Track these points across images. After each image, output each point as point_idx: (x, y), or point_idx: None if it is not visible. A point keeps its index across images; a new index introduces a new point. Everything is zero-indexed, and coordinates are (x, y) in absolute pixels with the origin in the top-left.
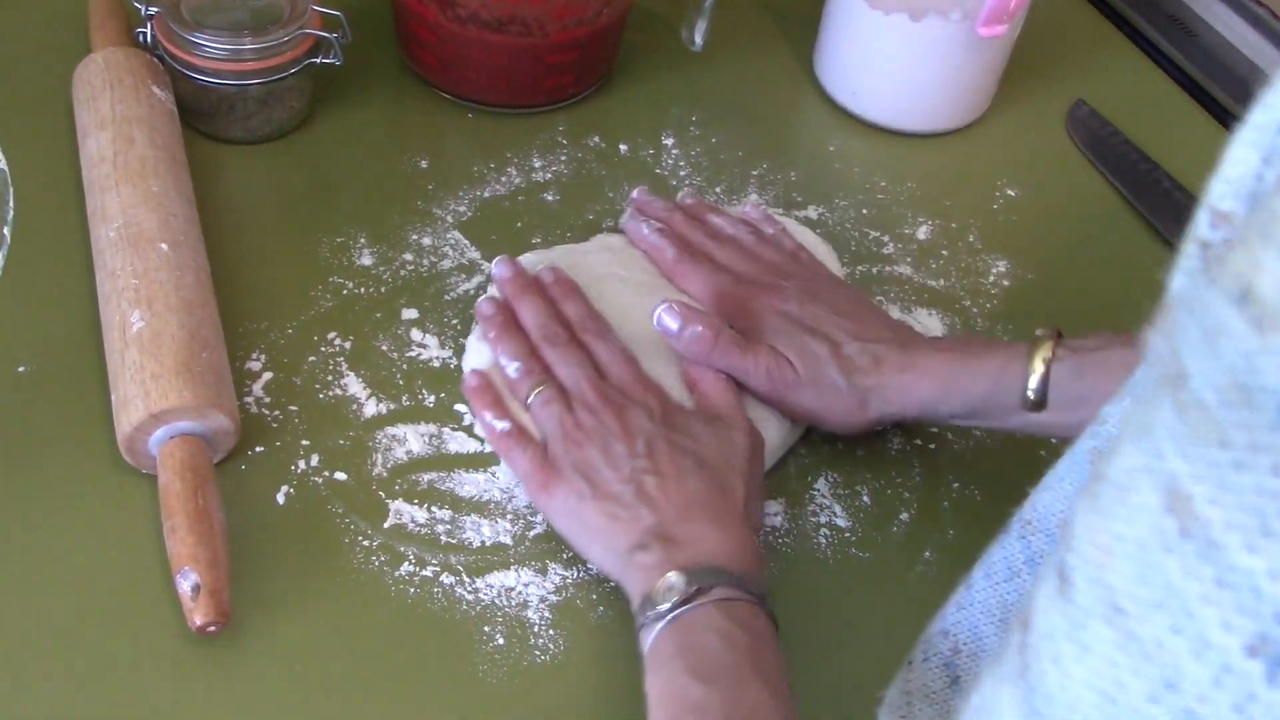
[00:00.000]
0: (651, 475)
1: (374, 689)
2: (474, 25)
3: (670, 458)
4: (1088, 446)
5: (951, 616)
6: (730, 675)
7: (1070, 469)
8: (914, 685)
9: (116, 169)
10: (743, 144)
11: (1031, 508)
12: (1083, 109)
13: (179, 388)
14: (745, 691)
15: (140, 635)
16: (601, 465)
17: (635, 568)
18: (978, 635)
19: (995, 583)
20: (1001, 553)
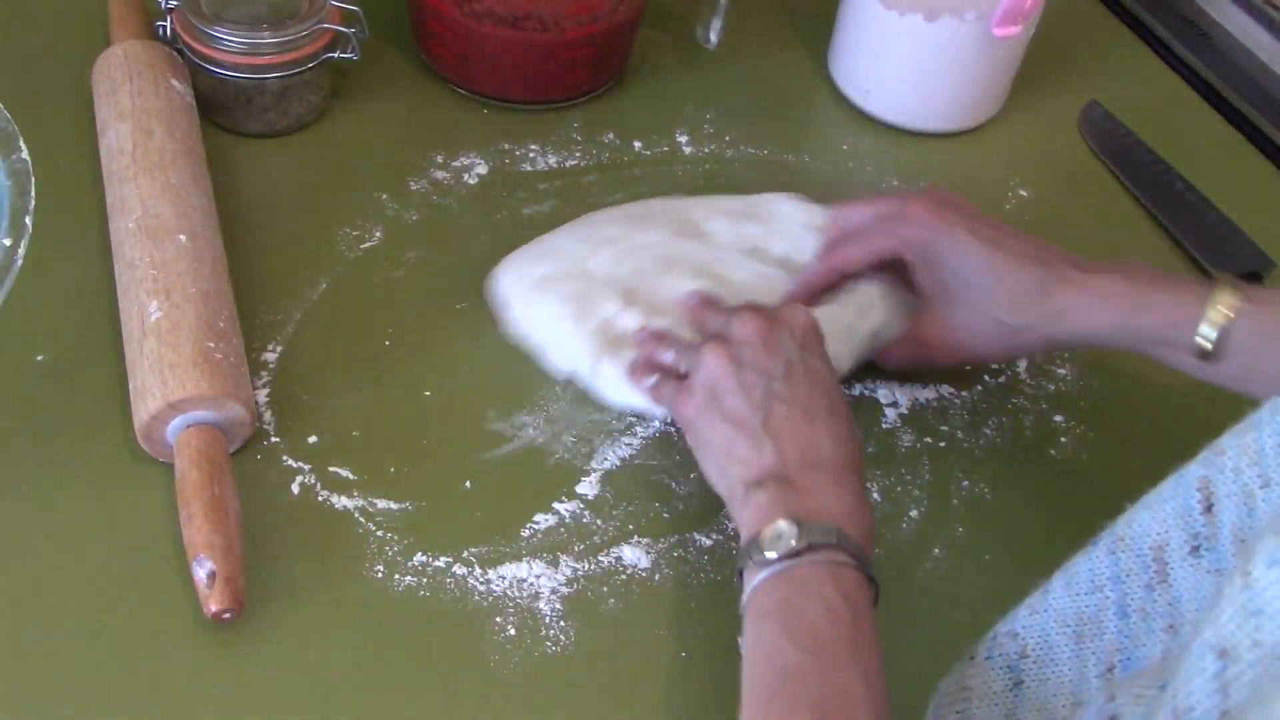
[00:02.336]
0: (784, 404)
1: (386, 677)
2: (490, 21)
3: (806, 389)
4: (1197, 474)
5: (1024, 619)
6: (828, 653)
7: (1175, 492)
8: (973, 681)
9: (136, 161)
10: (756, 142)
11: (1126, 524)
12: (1096, 110)
13: (196, 377)
14: (841, 675)
15: (156, 622)
16: (733, 383)
17: (749, 506)
18: (1048, 643)
19: (1075, 594)
20: (1087, 564)
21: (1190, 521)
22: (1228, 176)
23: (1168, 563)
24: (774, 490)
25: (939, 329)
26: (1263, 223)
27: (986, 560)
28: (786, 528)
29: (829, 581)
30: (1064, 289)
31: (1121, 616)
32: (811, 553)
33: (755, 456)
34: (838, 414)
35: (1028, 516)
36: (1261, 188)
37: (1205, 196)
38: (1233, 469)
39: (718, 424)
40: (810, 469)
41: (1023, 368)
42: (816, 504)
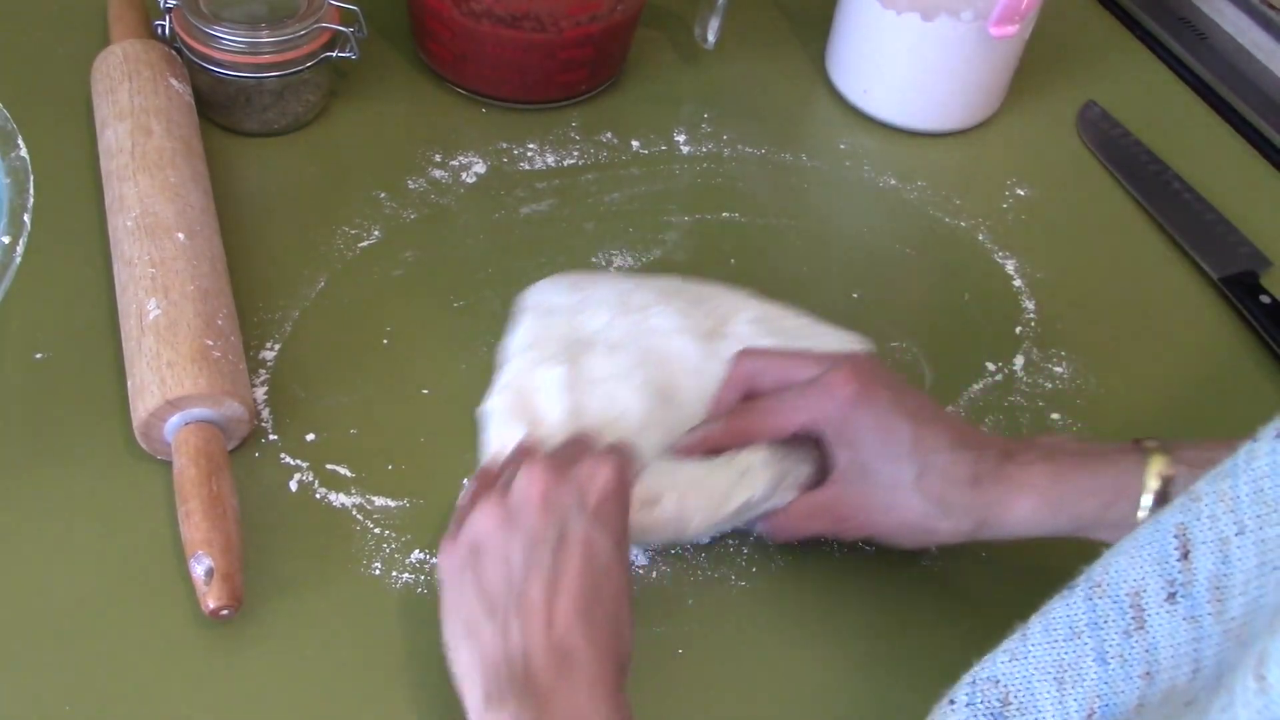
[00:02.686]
0: (543, 582)
1: (384, 674)
2: (488, 20)
3: (578, 566)
4: (1175, 520)
5: (1004, 666)
6: None
7: (1152, 539)
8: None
9: (134, 159)
10: (754, 141)
11: (1103, 569)
12: (1094, 110)
13: (194, 375)
14: None
15: (154, 618)
16: (498, 546)
17: (491, 712)
18: (1031, 691)
19: (1054, 640)
20: (1064, 610)
21: (1167, 568)
22: (1225, 176)
23: (1144, 609)
24: (514, 705)
25: (850, 508)
26: (1260, 222)
27: (983, 558)
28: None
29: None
30: (995, 481)
31: (1100, 663)
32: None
33: (499, 639)
34: (602, 599)
35: None
36: (1258, 187)
37: (1202, 196)
38: (1209, 515)
39: (469, 592)
40: (560, 668)
41: (1019, 366)
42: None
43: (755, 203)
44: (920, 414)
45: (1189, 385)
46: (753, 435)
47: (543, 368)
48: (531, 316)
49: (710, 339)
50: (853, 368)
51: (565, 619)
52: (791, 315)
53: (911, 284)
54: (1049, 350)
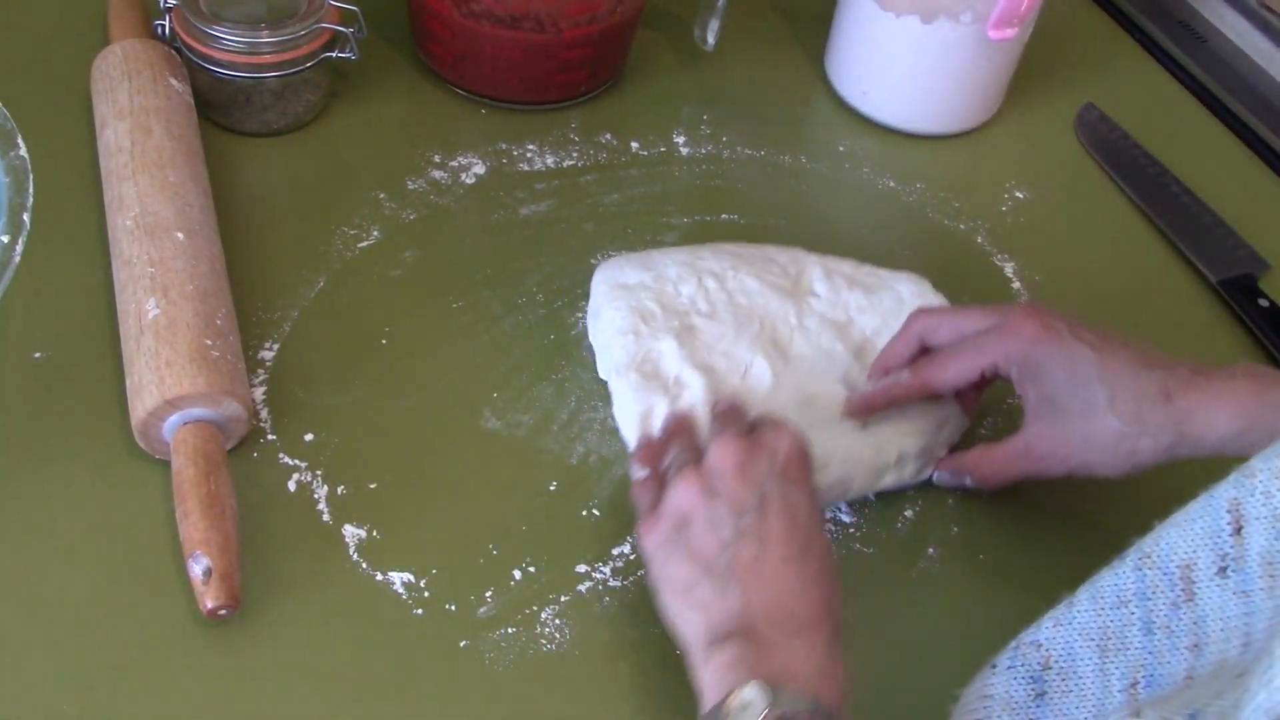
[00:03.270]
0: (753, 543)
1: (382, 674)
2: (488, 21)
3: (781, 526)
4: (1228, 495)
5: (1047, 631)
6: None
7: (1205, 512)
8: (995, 690)
9: (134, 159)
10: (753, 143)
11: (1154, 541)
12: (1092, 112)
13: (193, 374)
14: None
15: (152, 618)
16: (703, 515)
17: (711, 664)
18: (1073, 656)
19: (1101, 608)
20: (1113, 580)
21: (1219, 542)
22: (1223, 179)
23: (1195, 582)
24: (738, 647)
25: (1049, 443)
26: (1258, 225)
27: (981, 560)
28: (754, 696)
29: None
30: (1189, 392)
31: (1146, 633)
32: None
33: (718, 602)
34: (812, 556)
35: (1022, 515)
36: (1257, 190)
37: (1201, 199)
38: (1263, 492)
39: (681, 561)
40: (779, 621)
41: None
42: (785, 663)
43: (754, 204)
44: (1102, 343)
45: None
46: (939, 382)
47: (658, 341)
48: (617, 295)
49: (795, 295)
50: (1030, 308)
51: (778, 578)
52: (850, 264)
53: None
54: None
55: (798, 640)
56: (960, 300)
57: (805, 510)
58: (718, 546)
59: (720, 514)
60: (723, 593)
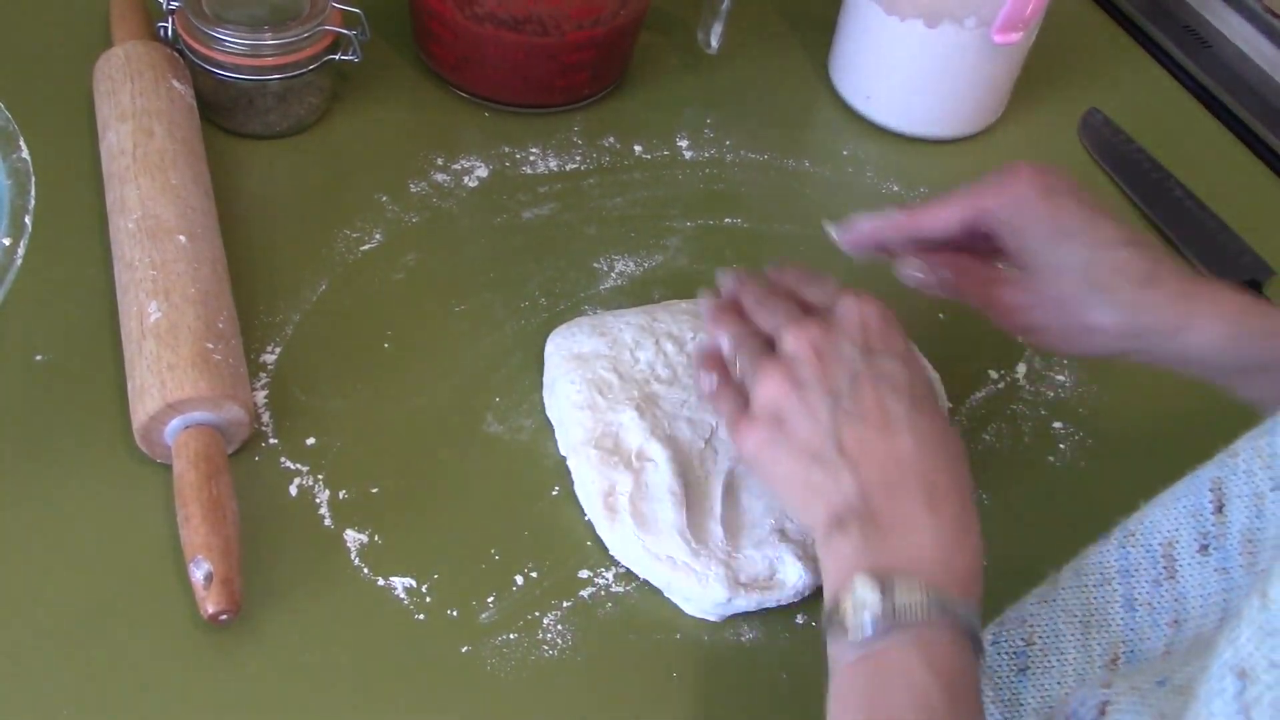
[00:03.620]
0: (855, 422)
1: (383, 680)
2: (491, 24)
3: (878, 397)
4: (1210, 475)
5: (1031, 607)
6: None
7: (1188, 491)
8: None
9: (136, 161)
10: (757, 147)
11: (1138, 520)
12: (1096, 117)
13: (194, 378)
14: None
15: (153, 623)
16: (796, 406)
17: (831, 553)
18: (1056, 633)
19: (1084, 585)
20: (1098, 558)
21: (1201, 520)
22: (1228, 184)
23: (1176, 559)
24: (856, 533)
25: (1014, 292)
26: (1263, 231)
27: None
28: (871, 596)
29: (919, 661)
30: (1176, 283)
31: (1128, 609)
32: (899, 630)
33: (833, 485)
34: (922, 413)
35: (1026, 523)
36: (1262, 195)
37: (1205, 204)
38: (1245, 471)
39: (786, 456)
40: (896, 493)
41: (1021, 374)
42: (905, 546)
43: (758, 208)
44: (1100, 211)
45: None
46: (930, 223)
47: (617, 414)
48: (572, 367)
49: None
50: (1036, 166)
51: (890, 450)
52: None
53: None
54: (1051, 358)
55: (923, 514)
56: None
57: (903, 376)
58: (821, 433)
59: (814, 401)
60: (836, 476)
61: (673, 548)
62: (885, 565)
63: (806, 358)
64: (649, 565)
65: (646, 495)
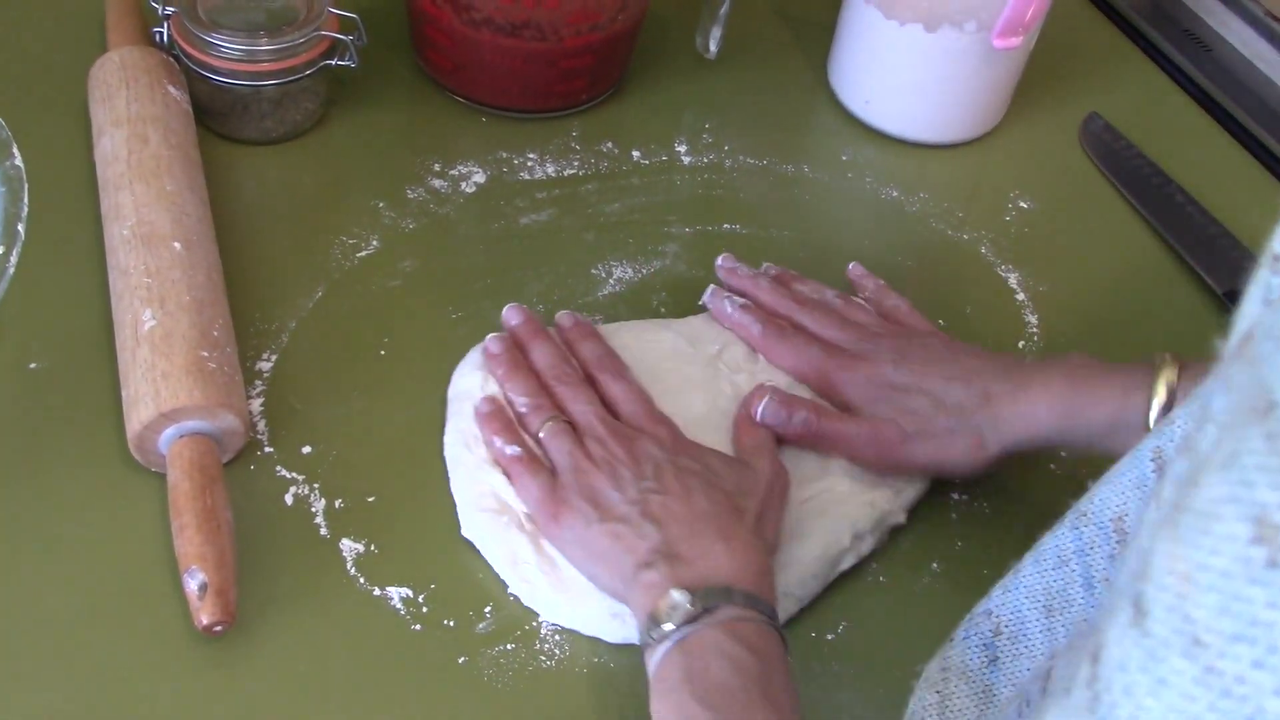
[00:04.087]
0: (658, 494)
1: (380, 691)
2: (488, 29)
3: (678, 479)
4: (1151, 445)
5: (996, 598)
6: (738, 703)
7: (1131, 465)
8: (952, 662)
9: (130, 168)
10: (756, 152)
11: (1088, 500)
12: (1097, 122)
13: (189, 387)
14: (754, 717)
15: (147, 634)
16: (608, 490)
17: (640, 587)
18: (1020, 618)
19: (1043, 569)
20: (1053, 541)
21: (1145, 490)
22: (1229, 189)
23: (1127, 532)
24: (662, 566)
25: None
26: (1263, 235)
27: (984, 575)
28: (679, 597)
29: (728, 638)
30: (1011, 395)
31: (1087, 588)
32: (707, 615)
33: (639, 540)
34: (716, 487)
35: (1026, 531)
36: (1264, 201)
37: (1206, 209)
38: (1182, 434)
39: (600, 528)
40: (694, 538)
41: None
42: (707, 567)
43: (756, 214)
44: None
45: None
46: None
47: (487, 472)
48: (453, 409)
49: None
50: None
51: (685, 508)
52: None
53: (913, 297)
54: None
55: (715, 546)
56: (963, 314)
57: (698, 468)
58: (628, 503)
59: (625, 478)
60: (641, 532)
61: (599, 606)
62: (689, 583)
63: (616, 456)
64: (585, 624)
65: (553, 560)
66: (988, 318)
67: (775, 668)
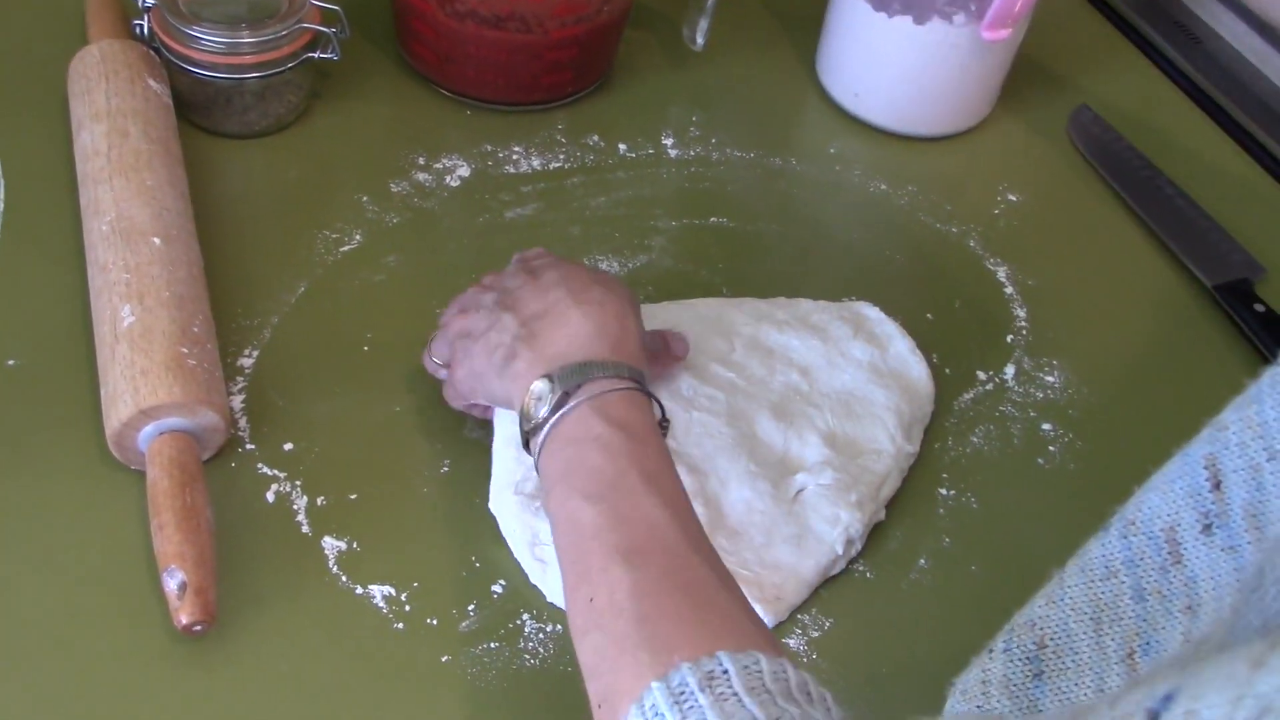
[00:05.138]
0: (513, 292)
1: (361, 690)
2: (472, 21)
3: (531, 274)
4: (1204, 451)
5: (1040, 610)
6: (618, 491)
7: (1183, 472)
8: (993, 674)
9: (110, 162)
10: (743, 145)
11: (1136, 507)
12: (1086, 114)
13: (169, 384)
14: (636, 506)
15: (126, 633)
16: (474, 318)
17: (510, 381)
18: (1068, 633)
19: (1090, 580)
20: (1100, 550)
21: (1200, 500)
22: (1218, 182)
23: (1180, 543)
24: (523, 353)
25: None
26: (1254, 229)
27: (973, 571)
28: (541, 386)
29: (595, 418)
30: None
31: (1138, 600)
32: (571, 398)
33: (498, 335)
34: (567, 270)
35: (1014, 526)
36: (1253, 193)
37: (1196, 202)
38: (1238, 444)
39: (474, 348)
40: (547, 313)
41: (1010, 374)
42: (561, 343)
43: (744, 207)
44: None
45: (1182, 394)
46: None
47: None
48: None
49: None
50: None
51: (537, 291)
52: (781, 308)
53: (902, 291)
54: (1040, 359)
55: (568, 315)
56: (951, 307)
57: (551, 268)
58: (486, 312)
59: (484, 300)
60: (499, 323)
61: None
62: (548, 365)
63: (482, 301)
64: None
65: None
66: (976, 312)
67: (647, 439)
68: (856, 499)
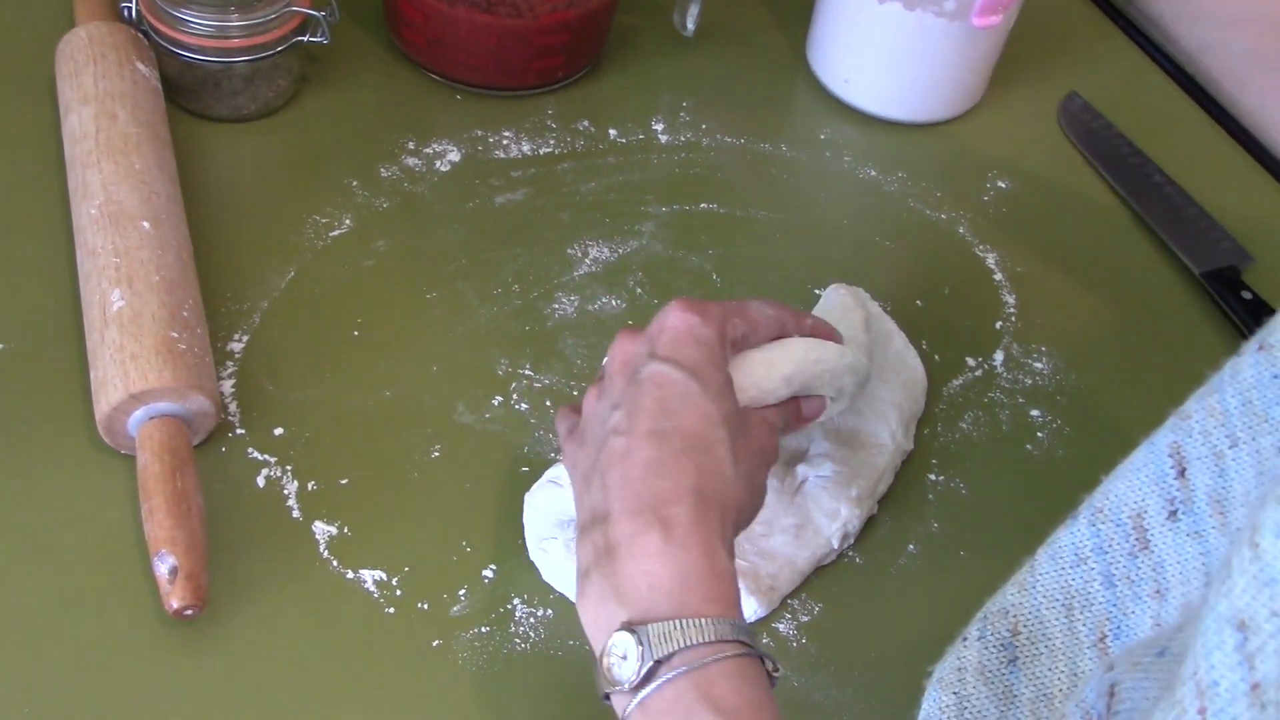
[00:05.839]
0: (620, 435)
1: (353, 674)
2: (462, 5)
3: (649, 407)
4: (1168, 440)
5: (1012, 597)
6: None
7: (1148, 460)
8: (968, 662)
9: (99, 145)
10: (733, 131)
11: (1104, 495)
12: (1075, 101)
13: (159, 368)
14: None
15: (116, 618)
16: (590, 419)
17: (584, 598)
18: (1040, 619)
19: (1061, 568)
20: (1070, 538)
21: (1165, 487)
22: (1207, 170)
23: (1147, 529)
24: (596, 574)
25: None
26: (1241, 217)
27: (961, 556)
28: (625, 642)
29: (700, 707)
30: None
31: (1108, 586)
32: (664, 667)
33: (585, 498)
34: (678, 424)
35: (1003, 512)
36: (1241, 181)
37: (1184, 190)
38: (1200, 431)
39: (575, 470)
40: (637, 515)
41: (999, 361)
42: (642, 585)
43: (734, 193)
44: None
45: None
46: None
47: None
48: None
49: None
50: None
51: (642, 465)
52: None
53: (891, 277)
54: (1029, 345)
55: (656, 539)
56: (941, 294)
57: (678, 378)
58: (592, 446)
59: (601, 413)
60: (588, 487)
61: None
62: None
63: (613, 371)
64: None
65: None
66: (965, 298)
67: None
68: (857, 494)
